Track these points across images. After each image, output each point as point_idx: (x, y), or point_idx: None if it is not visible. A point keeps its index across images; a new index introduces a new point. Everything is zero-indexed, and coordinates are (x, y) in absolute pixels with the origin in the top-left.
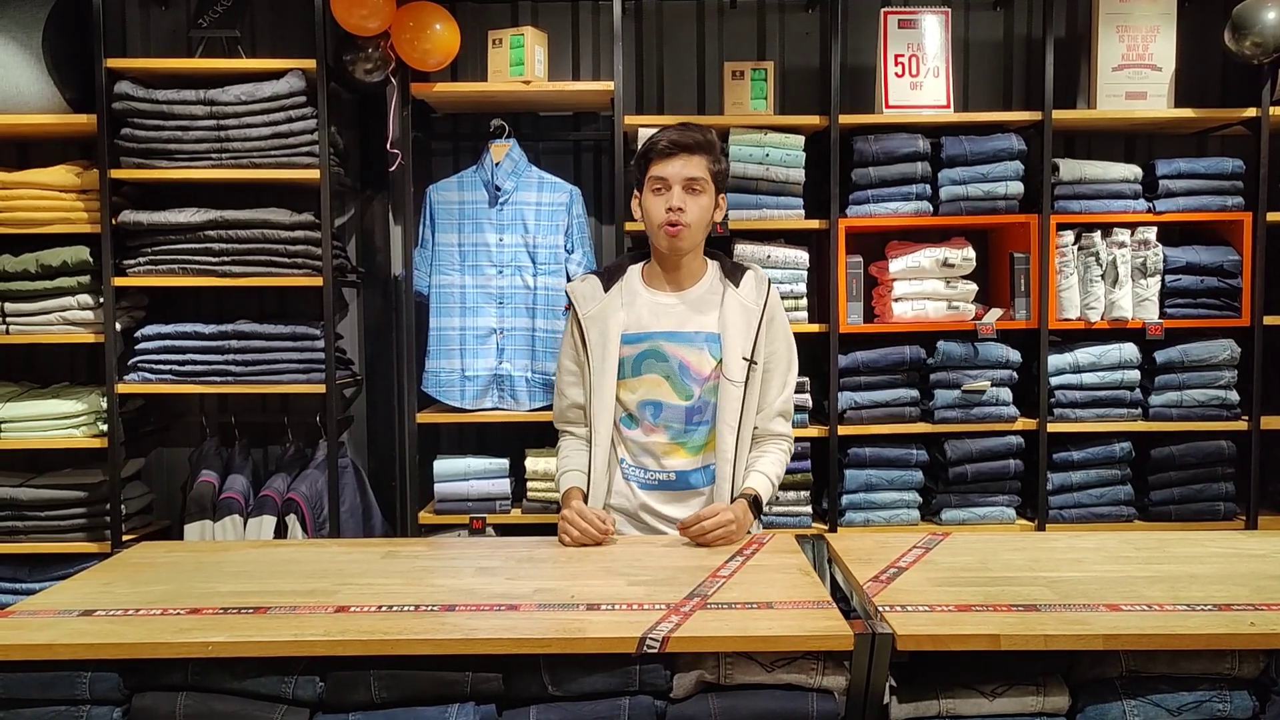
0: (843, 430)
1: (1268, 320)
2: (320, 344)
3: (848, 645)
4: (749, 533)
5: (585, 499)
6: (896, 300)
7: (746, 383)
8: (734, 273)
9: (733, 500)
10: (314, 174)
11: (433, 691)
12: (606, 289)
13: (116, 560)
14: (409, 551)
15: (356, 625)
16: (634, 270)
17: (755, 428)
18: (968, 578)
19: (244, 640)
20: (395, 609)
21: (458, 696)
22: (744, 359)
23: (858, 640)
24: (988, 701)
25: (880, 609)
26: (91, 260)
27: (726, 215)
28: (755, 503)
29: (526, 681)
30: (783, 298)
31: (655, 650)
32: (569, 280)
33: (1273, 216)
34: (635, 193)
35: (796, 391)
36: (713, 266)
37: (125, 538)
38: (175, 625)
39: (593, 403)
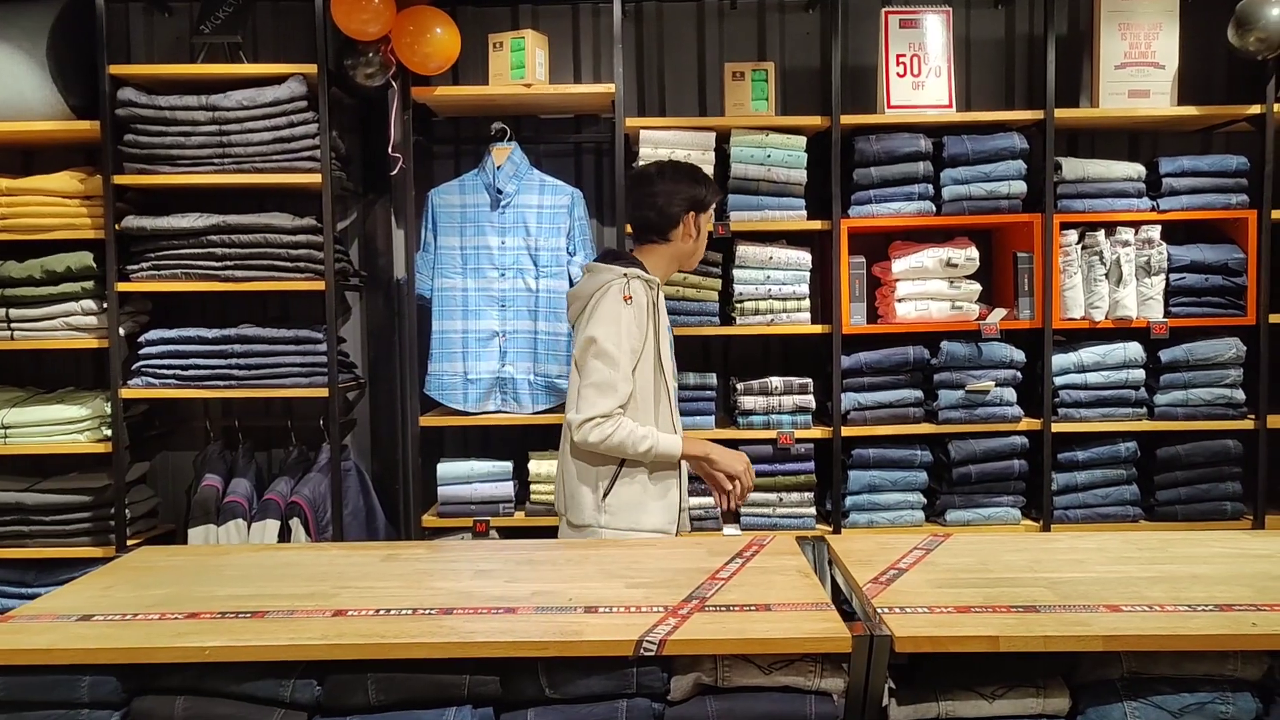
0: (846, 431)
1: (1274, 318)
2: (323, 348)
3: (846, 647)
4: None
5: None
6: (900, 301)
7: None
8: None
9: None
10: (316, 178)
11: (430, 694)
12: (649, 286)
13: (117, 565)
14: (409, 555)
15: (354, 628)
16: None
17: None
18: (968, 579)
19: (241, 644)
20: (393, 612)
21: (455, 699)
22: None
23: (856, 642)
24: (988, 703)
25: (879, 611)
26: (95, 266)
27: (729, 216)
28: None
29: (524, 684)
30: (785, 299)
31: (652, 653)
32: (573, 283)
33: (1278, 214)
34: (694, 213)
35: (799, 393)
36: None
37: (130, 542)
38: (174, 629)
39: (670, 384)
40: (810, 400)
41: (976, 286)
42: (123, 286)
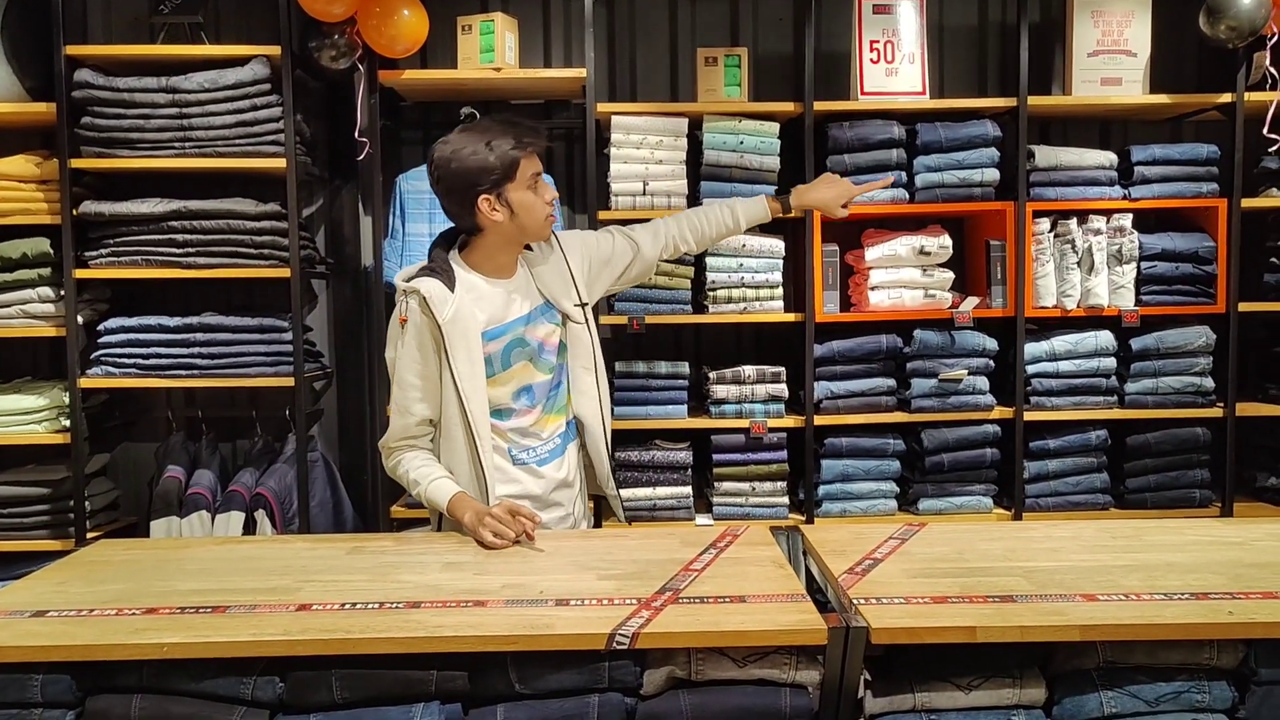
0: (819, 420)
1: (1243, 307)
2: (288, 336)
3: (821, 639)
4: None
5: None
6: (873, 289)
7: (586, 321)
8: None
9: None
10: (280, 163)
11: (397, 691)
12: (451, 289)
13: (72, 559)
14: (375, 547)
15: (318, 624)
16: (456, 265)
17: (646, 244)
18: (944, 569)
19: (201, 640)
20: (358, 606)
21: (422, 696)
22: (576, 305)
23: (831, 634)
24: (964, 694)
25: (855, 602)
26: (52, 252)
27: (703, 203)
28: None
29: (493, 679)
30: (758, 287)
31: (625, 646)
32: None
33: (1248, 202)
34: (486, 195)
35: (772, 381)
36: None
37: (90, 535)
38: (130, 625)
39: (471, 408)
40: (783, 389)
41: (949, 275)
42: (81, 273)
